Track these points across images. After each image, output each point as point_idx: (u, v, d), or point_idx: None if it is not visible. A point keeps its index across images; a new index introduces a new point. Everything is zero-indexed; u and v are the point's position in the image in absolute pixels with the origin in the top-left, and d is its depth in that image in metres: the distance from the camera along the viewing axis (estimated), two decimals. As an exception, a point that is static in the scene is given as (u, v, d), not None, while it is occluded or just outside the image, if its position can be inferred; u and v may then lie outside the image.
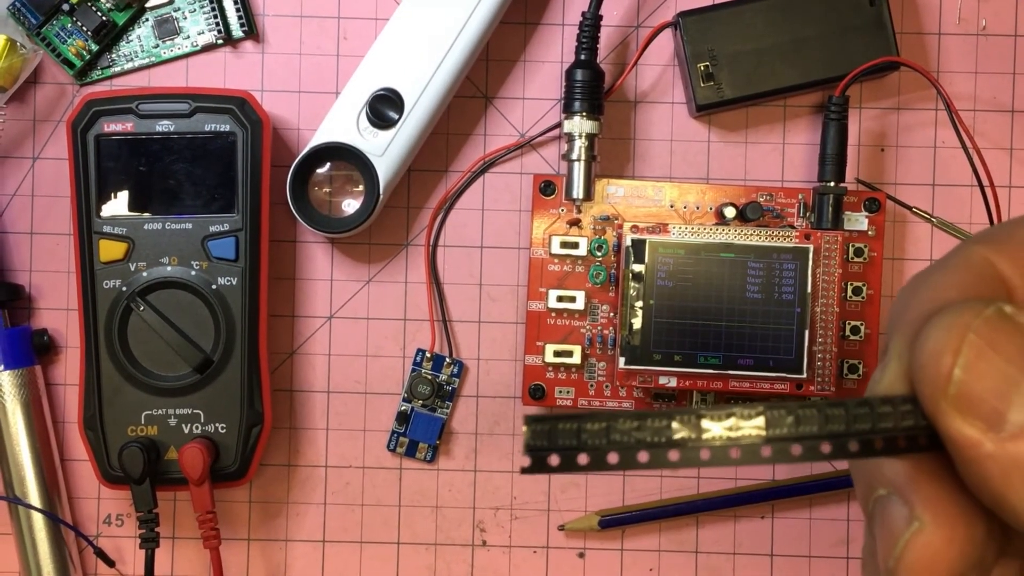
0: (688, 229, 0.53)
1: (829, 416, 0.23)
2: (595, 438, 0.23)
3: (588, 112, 0.54)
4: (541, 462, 0.23)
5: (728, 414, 0.23)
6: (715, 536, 0.57)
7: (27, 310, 0.58)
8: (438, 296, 0.57)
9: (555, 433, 0.23)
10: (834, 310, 0.53)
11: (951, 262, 0.25)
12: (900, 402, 0.24)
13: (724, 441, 0.23)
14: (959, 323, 0.23)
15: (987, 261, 0.25)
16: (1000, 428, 0.22)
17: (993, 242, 0.25)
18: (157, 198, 0.53)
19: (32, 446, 0.55)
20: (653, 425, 0.23)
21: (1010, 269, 0.25)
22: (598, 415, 0.23)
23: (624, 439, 0.23)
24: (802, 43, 0.55)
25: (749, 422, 0.23)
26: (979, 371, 0.22)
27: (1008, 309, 0.23)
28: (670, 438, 0.23)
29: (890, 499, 0.25)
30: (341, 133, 0.54)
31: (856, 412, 0.23)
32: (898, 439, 0.24)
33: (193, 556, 0.58)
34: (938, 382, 0.23)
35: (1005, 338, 0.22)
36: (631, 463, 0.23)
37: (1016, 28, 0.57)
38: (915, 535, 0.24)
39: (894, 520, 0.24)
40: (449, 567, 0.58)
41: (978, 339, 0.22)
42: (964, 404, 0.22)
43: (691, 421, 0.23)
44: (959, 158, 0.56)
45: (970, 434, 0.22)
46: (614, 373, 0.55)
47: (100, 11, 0.56)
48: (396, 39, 0.54)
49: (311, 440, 0.58)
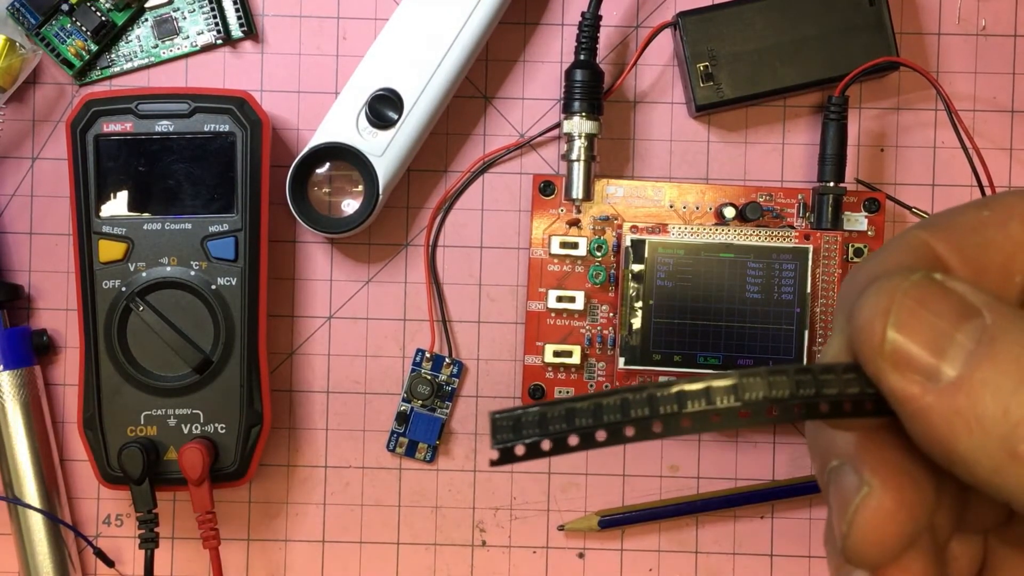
0: (688, 229, 0.53)
1: (772, 383, 0.24)
2: (557, 423, 0.24)
3: (588, 112, 0.54)
4: (508, 452, 0.24)
5: (678, 392, 0.24)
6: (715, 536, 0.57)
7: (26, 310, 0.58)
8: (438, 296, 0.57)
9: (519, 424, 0.24)
10: (834, 310, 0.53)
11: (891, 244, 0.26)
12: (842, 370, 0.24)
13: (674, 413, 0.24)
14: (889, 287, 0.24)
15: (925, 243, 0.26)
16: (937, 379, 0.23)
17: (932, 226, 0.26)
18: (156, 198, 0.53)
19: (32, 446, 0.55)
20: (609, 404, 0.24)
21: (947, 251, 0.26)
22: (558, 402, 0.24)
23: (584, 422, 0.24)
24: (802, 43, 0.55)
25: (677, 393, 0.24)
26: (911, 328, 0.23)
27: (938, 276, 0.24)
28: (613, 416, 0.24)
29: (842, 468, 0.26)
30: (340, 133, 0.54)
31: (799, 378, 0.24)
32: (844, 403, 0.24)
33: (193, 556, 0.58)
34: (873, 342, 0.24)
35: (933, 297, 0.24)
36: (591, 443, 0.24)
37: (1016, 28, 0.57)
38: (865, 499, 0.25)
39: (846, 487, 0.25)
40: (449, 567, 0.58)
41: (908, 299, 0.24)
42: (900, 360, 0.23)
43: (643, 397, 0.24)
44: (959, 158, 0.56)
45: (909, 388, 0.23)
46: (614, 373, 0.55)
47: (99, 11, 0.56)
48: (395, 39, 0.54)
49: (311, 440, 0.58)
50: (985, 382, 0.22)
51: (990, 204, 0.26)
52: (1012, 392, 0.22)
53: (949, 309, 0.23)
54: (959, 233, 0.26)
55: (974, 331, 0.23)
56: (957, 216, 0.27)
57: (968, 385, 0.23)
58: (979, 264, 0.26)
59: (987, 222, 0.26)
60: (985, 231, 0.26)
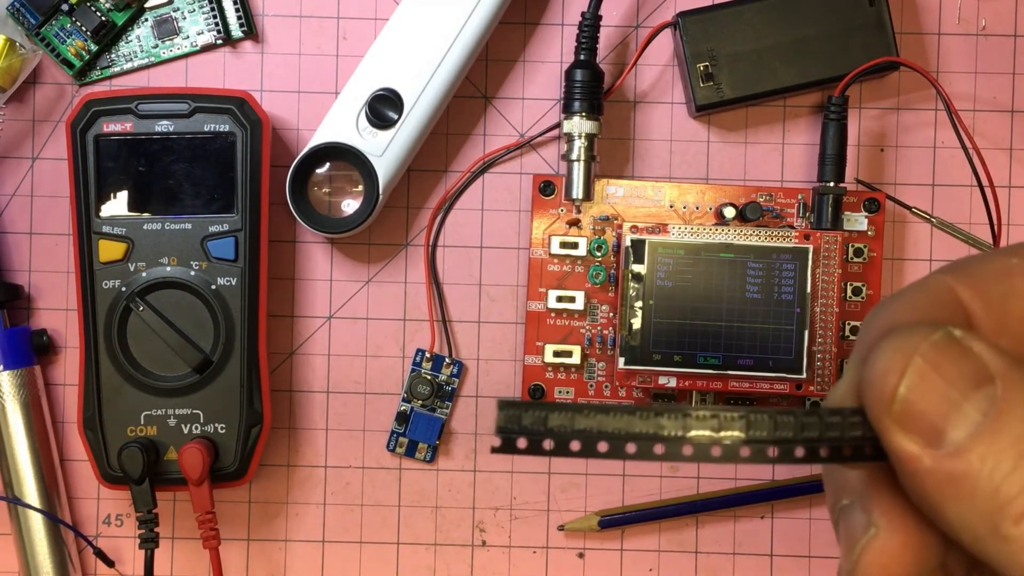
0: (688, 229, 0.53)
1: (779, 423, 0.24)
2: (561, 425, 0.25)
3: (587, 112, 0.54)
4: (510, 443, 0.25)
5: (683, 414, 0.24)
6: (715, 536, 0.57)
7: (26, 310, 0.58)
8: (438, 296, 0.57)
9: (525, 417, 0.25)
10: (833, 310, 0.53)
11: (914, 288, 0.26)
12: (849, 414, 0.25)
13: (656, 437, 0.25)
14: (907, 345, 0.24)
15: (949, 288, 0.26)
16: (939, 445, 0.23)
17: (957, 271, 0.26)
18: (156, 198, 0.53)
19: (31, 446, 0.55)
20: (613, 416, 0.25)
21: (971, 297, 0.26)
22: (566, 406, 0.25)
23: (587, 428, 0.24)
24: (802, 43, 0.55)
25: (700, 423, 0.24)
26: (922, 391, 0.24)
27: (957, 333, 0.24)
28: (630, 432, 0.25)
29: (852, 507, 0.26)
30: (340, 133, 0.54)
31: (805, 421, 0.24)
32: (843, 448, 0.25)
33: (193, 556, 0.58)
34: (883, 399, 0.24)
35: (949, 361, 0.24)
36: (592, 451, 0.24)
37: (1016, 28, 0.57)
38: (871, 540, 0.25)
39: (854, 527, 0.26)
40: (449, 567, 0.58)
41: (923, 361, 0.24)
42: (906, 421, 0.24)
43: (650, 416, 0.25)
44: (959, 158, 0.56)
45: (911, 449, 0.23)
46: (614, 373, 0.55)
47: (99, 11, 0.56)
48: (395, 39, 0.54)
49: (310, 440, 0.58)
50: (983, 457, 0.23)
51: (1019, 251, 0.26)
52: (1006, 472, 0.22)
53: (963, 375, 0.23)
54: (984, 280, 0.26)
55: (983, 401, 0.23)
56: (984, 262, 0.27)
57: (966, 457, 0.23)
58: (1003, 313, 0.26)
59: (1014, 270, 0.26)
60: (1011, 280, 0.26)
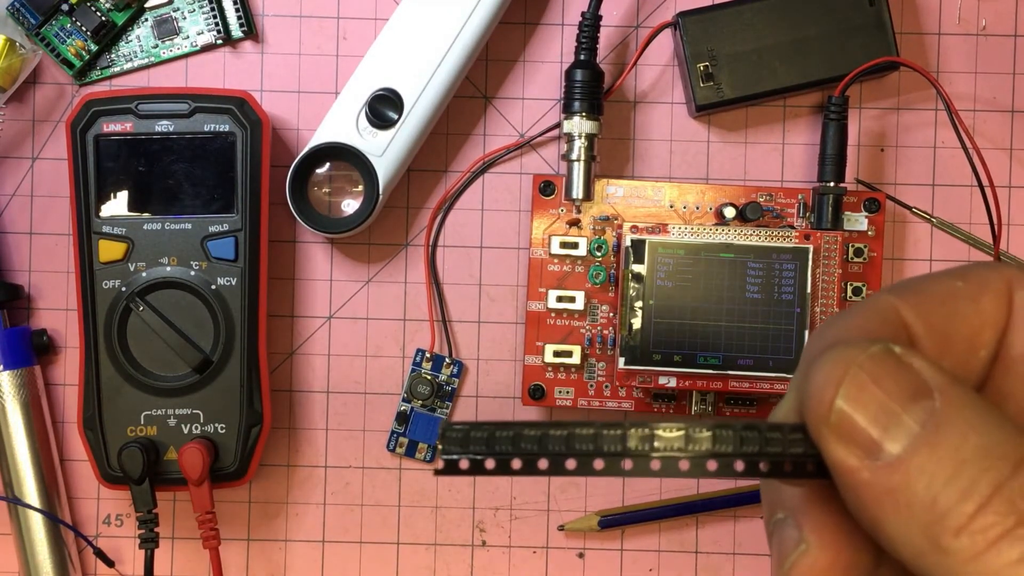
0: (688, 229, 0.53)
1: (718, 436, 0.24)
2: (503, 444, 0.25)
3: (588, 112, 0.54)
4: (453, 464, 0.25)
5: (607, 426, 0.24)
6: (715, 536, 0.57)
7: (26, 310, 0.58)
8: (438, 296, 0.57)
9: (467, 439, 0.25)
10: (834, 310, 0.53)
11: (859, 307, 0.26)
12: (789, 430, 0.25)
13: (617, 452, 0.24)
14: (845, 357, 0.24)
15: (893, 308, 0.26)
16: (876, 457, 0.23)
17: (903, 291, 0.26)
18: (156, 198, 0.53)
19: (31, 446, 0.55)
20: (552, 434, 0.25)
21: (914, 317, 0.26)
22: (509, 425, 0.25)
23: (529, 448, 0.24)
24: (802, 43, 0.55)
25: (622, 434, 0.24)
26: (860, 402, 0.23)
27: (897, 349, 0.24)
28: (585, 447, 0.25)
29: (786, 522, 0.26)
30: (340, 133, 0.54)
31: (744, 434, 0.24)
32: (784, 463, 0.25)
33: (193, 556, 0.58)
34: (821, 410, 0.24)
35: (888, 374, 0.23)
36: (534, 469, 0.24)
37: (1016, 28, 0.57)
38: (801, 556, 0.25)
39: (786, 541, 0.26)
40: (449, 567, 0.58)
41: (861, 373, 0.24)
42: (844, 433, 0.23)
43: (589, 433, 0.24)
44: (959, 158, 0.56)
45: (849, 461, 0.23)
46: (614, 373, 0.55)
47: (99, 11, 0.56)
48: (395, 39, 0.54)
49: (310, 440, 0.58)
50: (921, 468, 0.22)
51: (966, 275, 0.26)
52: (944, 483, 0.22)
53: (901, 387, 0.23)
54: (929, 301, 0.26)
55: (922, 413, 0.23)
56: (930, 283, 0.26)
57: (904, 468, 0.23)
58: (945, 335, 0.26)
59: (959, 293, 0.26)
60: (956, 302, 0.26)
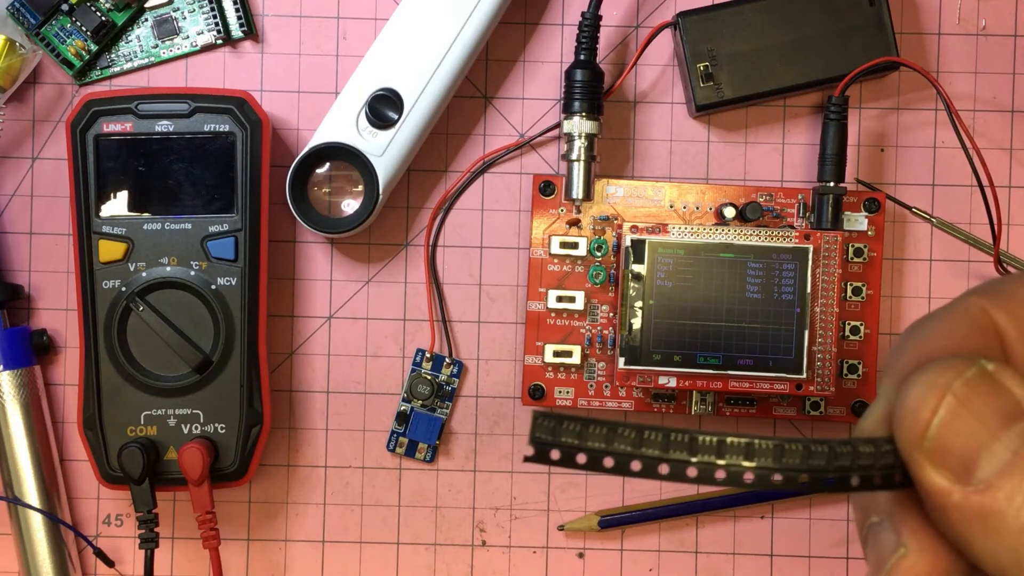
0: (688, 229, 0.53)
1: (812, 451, 0.25)
2: (596, 440, 0.25)
3: (587, 112, 0.54)
4: (544, 454, 0.25)
5: (719, 440, 0.25)
6: (715, 536, 0.57)
7: (26, 310, 0.58)
8: (438, 296, 0.57)
9: (559, 430, 0.25)
10: (834, 310, 0.53)
11: (949, 310, 0.27)
12: (882, 443, 0.25)
13: (711, 462, 0.25)
14: (940, 383, 0.24)
15: (984, 312, 0.26)
16: (967, 481, 0.24)
17: (992, 294, 0.26)
18: (156, 198, 0.53)
19: (31, 446, 0.55)
20: (649, 438, 0.25)
21: (1006, 322, 0.26)
22: (601, 422, 0.25)
23: (622, 447, 0.24)
24: (802, 43, 0.55)
25: (736, 447, 0.25)
26: (953, 429, 0.24)
27: (990, 367, 0.24)
28: (665, 454, 0.25)
29: (882, 526, 0.27)
30: (340, 133, 0.54)
31: (839, 450, 0.25)
32: (874, 476, 0.25)
33: (193, 556, 0.58)
34: (914, 434, 0.24)
35: (981, 398, 0.24)
36: (625, 470, 0.25)
37: (1016, 28, 0.57)
38: (900, 560, 0.25)
39: (883, 545, 0.26)
40: (449, 567, 0.58)
41: (955, 400, 0.24)
42: (936, 456, 0.24)
43: (685, 440, 0.25)
44: (959, 158, 0.56)
45: (940, 484, 0.24)
46: (614, 373, 0.55)
47: (99, 11, 0.56)
48: (395, 39, 0.54)
49: (310, 440, 0.58)
50: (1011, 495, 0.23)
51: None
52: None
53: (994, 412, 0.24)
54: (1020, 303, 0.26)
55: (1015, 438, 0.23)
56: (1019, 286, 0.27)
57: (994, 493, 0.23)
58: None
59: None
60: None
